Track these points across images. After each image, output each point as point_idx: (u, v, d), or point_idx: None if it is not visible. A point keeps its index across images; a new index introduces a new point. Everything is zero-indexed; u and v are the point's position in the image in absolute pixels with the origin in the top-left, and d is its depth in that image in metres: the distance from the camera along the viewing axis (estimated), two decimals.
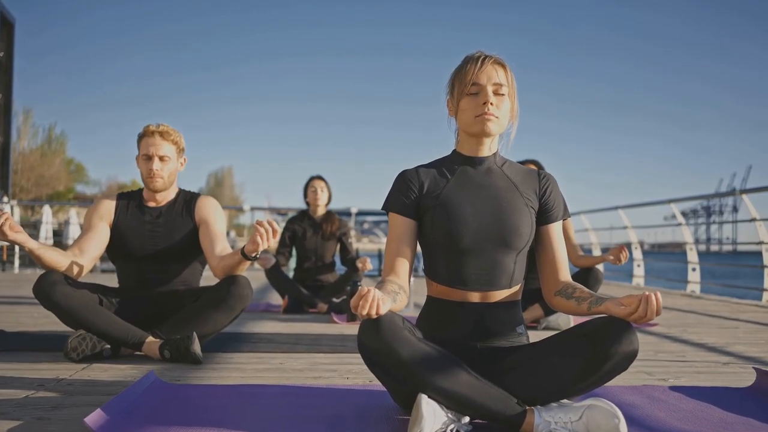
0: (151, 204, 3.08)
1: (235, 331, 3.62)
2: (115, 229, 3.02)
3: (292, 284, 4.98)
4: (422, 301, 2.02)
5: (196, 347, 2.65)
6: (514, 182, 1.97)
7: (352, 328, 3.98)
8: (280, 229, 2.99)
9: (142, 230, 3.02)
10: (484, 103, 1.88)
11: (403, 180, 1.97)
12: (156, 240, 3.02)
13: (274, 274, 4.98)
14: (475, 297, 1.90)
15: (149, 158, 2.99)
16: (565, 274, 1.96)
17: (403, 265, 1.91)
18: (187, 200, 3.13)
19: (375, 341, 1.66)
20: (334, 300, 4.93)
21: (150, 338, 2.75)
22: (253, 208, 13.65)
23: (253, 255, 2.71)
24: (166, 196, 3.10)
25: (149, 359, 2.72)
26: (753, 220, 6.75)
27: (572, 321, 3.92)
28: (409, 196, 1.95)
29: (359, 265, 4.98)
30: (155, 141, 3.00)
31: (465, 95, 1.91)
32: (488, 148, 1.97)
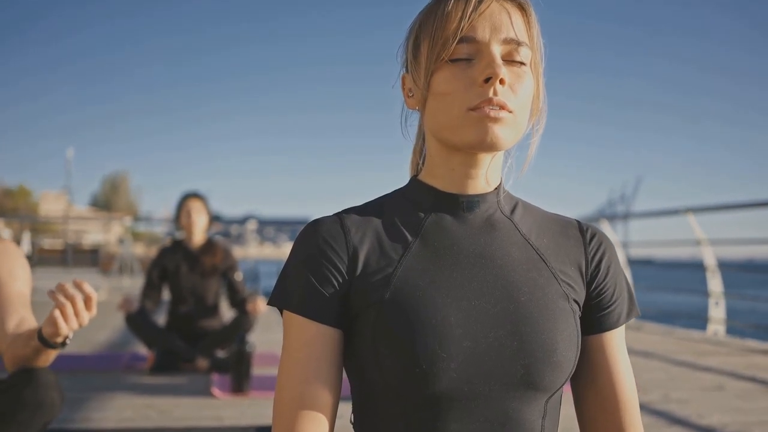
0: None
1: (57, 426, 2.46)
2: None
3: (161, 334, 3.80)
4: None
5: None
6: (537, 249, 0.95)
7: (236, 409, 2.89)
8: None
9: None
10: (488, 80, 0.86)
11: (316, 243, 0.90)
12: None
13: (137, 322, 3.78)
14: None
15: None
16: (636, 427, 0.96)
17: (315, 427, 0.86)
18: None
19: None
20: (218, 354, 3.82)
21: None
22: (139, 219, 12.15)
23: (59, 341, 1.60)
24: None
25: None
26: (698, 243, 6.10)
27: None
28: (329, 278, 0.88)
29: (249, 308, 3.87)
30: None
31: (445, 63, 0.88)
32: (487, 176, 0.95)
